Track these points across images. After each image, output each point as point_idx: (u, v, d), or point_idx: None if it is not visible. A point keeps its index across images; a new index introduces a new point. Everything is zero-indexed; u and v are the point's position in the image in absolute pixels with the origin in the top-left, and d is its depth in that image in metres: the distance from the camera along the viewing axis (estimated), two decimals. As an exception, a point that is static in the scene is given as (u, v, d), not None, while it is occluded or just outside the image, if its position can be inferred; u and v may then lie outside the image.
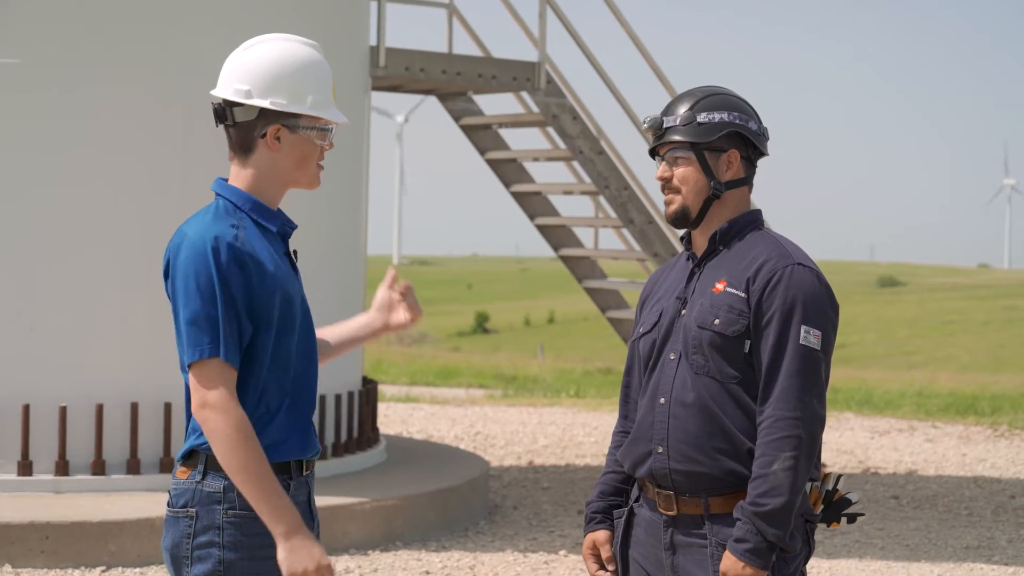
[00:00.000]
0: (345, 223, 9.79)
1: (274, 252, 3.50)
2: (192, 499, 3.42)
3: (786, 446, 3.52)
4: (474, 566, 8.06)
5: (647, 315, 3.81)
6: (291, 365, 3.49)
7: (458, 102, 11.81)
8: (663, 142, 3.75)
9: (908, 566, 8.34)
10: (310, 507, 3.56)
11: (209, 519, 3.40)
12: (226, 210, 3.48)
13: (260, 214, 3.51)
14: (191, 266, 3.37)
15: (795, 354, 3.56)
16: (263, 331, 3.43)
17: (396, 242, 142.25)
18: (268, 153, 3.50)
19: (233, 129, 3.50)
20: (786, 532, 3.51)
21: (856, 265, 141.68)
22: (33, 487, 8.31)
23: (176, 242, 3.43)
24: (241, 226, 3.45)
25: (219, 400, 3.34)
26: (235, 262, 3.38)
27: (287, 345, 3.48)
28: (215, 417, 3.33)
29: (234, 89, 3.48)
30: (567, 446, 13.25)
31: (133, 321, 8.60)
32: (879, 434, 14.44)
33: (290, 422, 3.48)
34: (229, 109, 3.49)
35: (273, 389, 3.46)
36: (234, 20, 8.86)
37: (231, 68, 3.51)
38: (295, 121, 3.49)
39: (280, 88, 3.47)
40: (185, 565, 3.42)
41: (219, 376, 3.35)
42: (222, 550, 3.38)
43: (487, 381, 22.25)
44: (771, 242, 3.70)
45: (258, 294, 3.41)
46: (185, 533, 3.42)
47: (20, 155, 8.52)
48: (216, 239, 3.38)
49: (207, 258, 3.36)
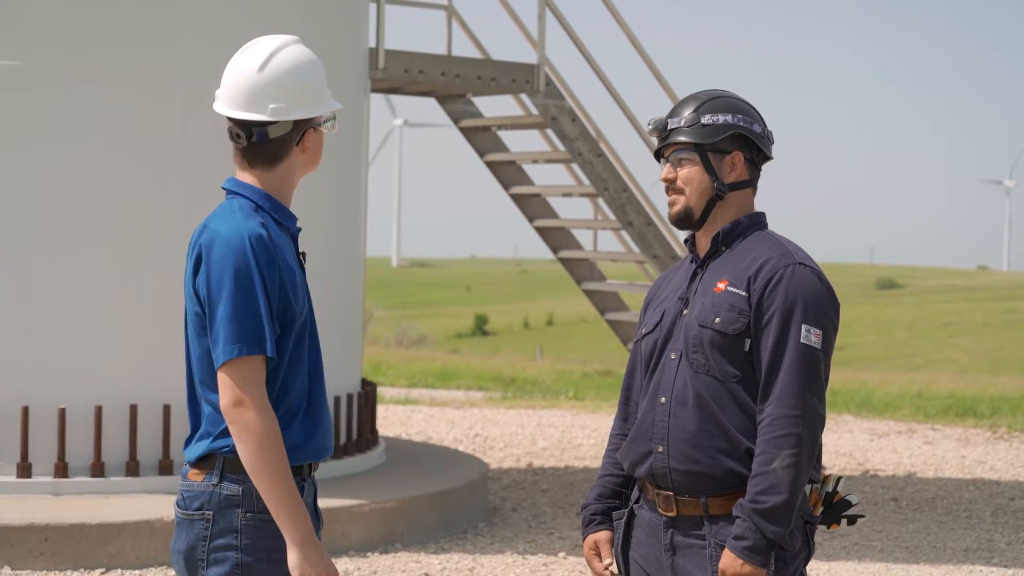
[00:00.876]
0: (344, 224, 9.79)
1: (291, 253, 3.52)
2: (208, 502, 3.42)
3: (786, 444, 3.52)
4: (473, 568, 8.06)
5: (650, 316, 3.83)
6: (306, 367, 3.50)
7: (457, 104, 11.81)
8: (668, 143, 3.77)
9: (907, 568, 8.33)
10: (315, 507, 3.58)
11: (227, 522, 3.40)
12: (250, 208, 3.48)
13: (279, 213, 3.52)
14: (230, 262, 3.36)
15: (796, 353, 3.57)
16: (287, 331, 3.44)
17: (395, 244, 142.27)
18: (298, 156, 3.54)
19: (265, 144, 3.50)
20: (786, 530, 3.52)
21: (855, 267, 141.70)
22: (32, 489, 8.31)
23: (208, 238, 3.41)
24: (267, 224, 3.46)
25: (256, 399, 3.33)
26: (270, 260, 3.39)
27: (303, 347, 3.49)
28: (250, 416, 3.32)
29: (272, 109, 3.46)
30: (566, 448, 13.24)
31: (132, 323, 8.60)
32: (878, 436, 14.44)
33: (308, 425, 3.48)
34: (259, 128, 3.48)
35: (293, 391, 3.46)
36: (234, 21, 8.86)
37: (254, 87, 3.48)
38: (318, 120, 3.54)
39: (312, 96, 3.52)
40: (201, 568, 3.42)
41: (256, 374, 3.35)
42: (240, 553, 3.39)
43: (486, 383, 22.26)
44: (773, 242, 3.72)
45: (286, 294, 3.42)
46: (201, 536, 3.42)
47: (20, 155, 8.52)
48: (252, 236, 3.38)
49: (246, 254, 3.36)
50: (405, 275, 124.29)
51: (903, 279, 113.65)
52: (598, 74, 11.45)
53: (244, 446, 3.33)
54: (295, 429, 3.45)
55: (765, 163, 3.82)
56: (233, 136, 3.51)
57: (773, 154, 3.82)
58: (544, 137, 12.09)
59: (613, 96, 11.45)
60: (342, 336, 9.54)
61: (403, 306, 78.77)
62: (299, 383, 3.47)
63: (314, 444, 3.48)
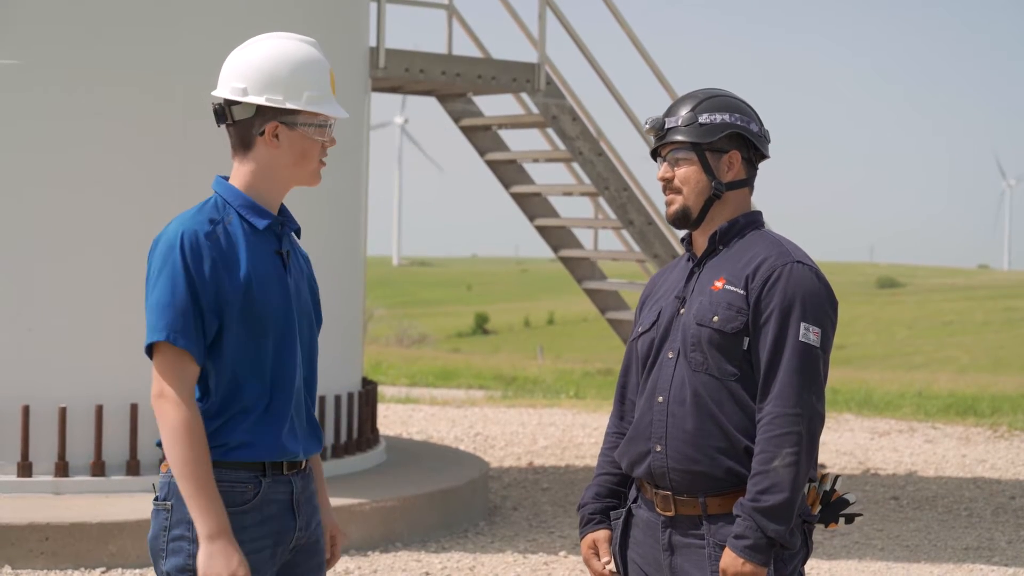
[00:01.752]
0: (345, 223, 9.79)
1: (260, 251, 3.50)
2: (169, 492, 3.45)
3: (787, 442, 3.52)
4: (474, 567, 8.06)
5: (646, 315, 3.83)
6: (268, 367, 3.49)
7: (458, 103, 11.81)
8: (665, 143, 3.77)
9: (908, 567, 8.33)
10: (292, 506, 3.54)
11: (182, 513, 3.41)
12: (214, 205, 3.51)
13: (251, 211, 3.51)
14: (161, 256, 3.42)
15: (794, 351, 3.57)
16: (232, 328, 3.44)
17: (396, 243, 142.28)
18: (267, 151, 3.51)
19: (233, 127, 3.52)
20: (787, 528, 3.52)
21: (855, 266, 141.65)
22: (33, 488, 8.31)
23: (159, 235, 3.48)
24: (225, 221, 3.47)
25: (173, 393, 3.37)
26: (203, 256, 3.41)
27: (263, 346, 3.48)
28: (166, 407, 3.37)
29: (231, 87, 3.50)
30: (567, 447, 13.25)
31: (132, 322, 8.56)
32: (879, 435, 14.44)
33: (266, 424, 3.48)
34: (228, 108, 3.51)
35: (249, 389, 3.46)
36: (234, 21, 8.86)
37: (229, 67, 3.53)
38: (293, 118, 3.49)
39: (276, 85, 3.48)
40: (161, 557, 3.45)
41: (176, 368, 3.38)
42: (192, 544, 3.39)
43: (487, 382, 22.25)
44: (771, 241, 3.72)
45: (226, 290, 3.42)
46: (162, 526, 3.45)
47: (19, 155, 8.51)
48: (188, 232, 3.42)
49: (175, 250, 3.40)
50: (406, 274, 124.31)
51: (903, 278, 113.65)
52: (599, 73, 11.45)
53: (163, 436, 3.39)
54: (246, 428, 3.45)
55: (762, 162, 3.82)
56: (214, 115, 3.55)
57: (770, 153, 3.82)
58: (545, 136, 12.09)
59: (614, 95, 11.45)
60: (343, 335, 9.54)
61: (404, 305, 78.76)
62: (257, 382, 3.46)
63: (268, 444, 3.47)
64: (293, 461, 3.53)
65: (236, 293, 3.43)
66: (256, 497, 3.46)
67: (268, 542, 3.49)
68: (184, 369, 3.39)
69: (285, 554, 3.55)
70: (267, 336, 3.48)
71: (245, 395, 3.46)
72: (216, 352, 3.44)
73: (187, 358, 3.39)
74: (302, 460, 3.57)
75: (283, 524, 3.52)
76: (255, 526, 3.46)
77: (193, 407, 3.38)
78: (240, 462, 3.45)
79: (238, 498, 3.44)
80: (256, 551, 3.45)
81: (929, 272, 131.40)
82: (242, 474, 3.45)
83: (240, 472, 3.45)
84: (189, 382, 3.39)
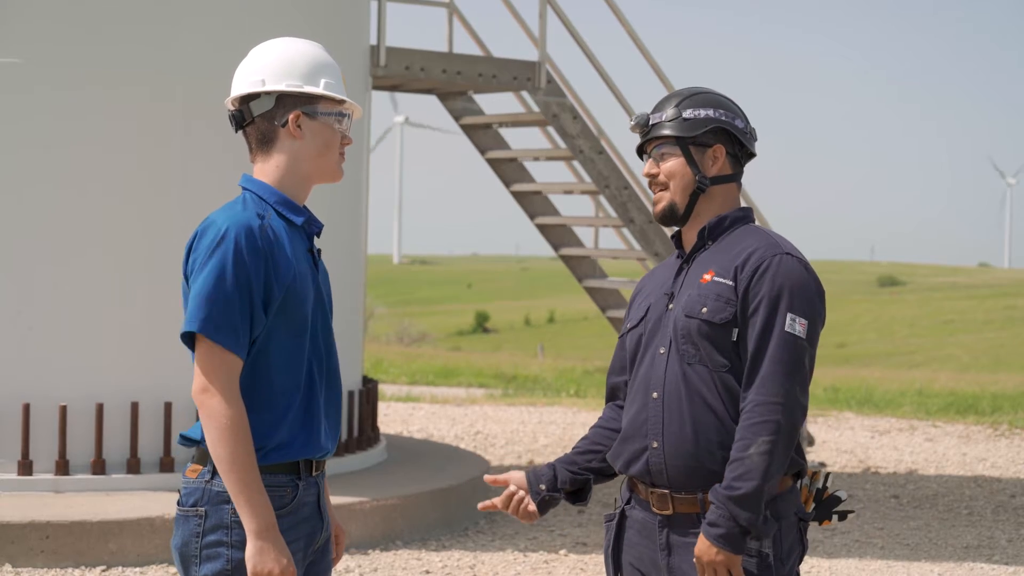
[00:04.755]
0: (345, 222, 9.79)
1: (298, 248, 3.51)
2: (201, 498, 3.43)
3: (764, 431, 3.52)
4: (474, 565, 8.06)
5: (634, 311, 3.84)
6: (303, 365, 3.48)
7: (458, 101, 11.81)
8: (649, 138, 3.78)
9: (908, 566, 8.34)
10: (319, 507, 3.57)
11: (218, 518, 3.40)
12: (253, 201, 3.50)
13: (286, 207, 3.52)
14: (209, 247, 3.38)
15: (780, 341, 3.57)
16: (277, 326, 3.44)
17: (396, 241, 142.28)
18: (291, 143, 3.52)
19: (253, 125, 3.52)
20: (758, 516, 3.50)
21: (856, 264, 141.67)
22: (33, 487, 8.31)
23: (203, 226, 3.44)
24: (267, 216, 3.47)
25: (220, 387, 3.34)
26: (257, 252, 3.39)
27: (300, 344, 3.48)
28: (213, 404, 3.34)
29: (249, 82, 3.50)
30: (567, 445, 13.25)
31: (133, 321, 8.60)
32: (879, 433, 14.45)
33: (301, 422, 3.48)
34: (246, 106, 3.51)
35: (285, 388, 3.46)
36: (234, 21, 8.86)
37: (243, 69, 3.55)
38: (313, 107, 3.51)
39: (294, 72, 3.51)
40: (194, 564, 3.43)
41: (223, 363, 3.35)
42: (230, 549, 3.39)
43: (487, 380, 22.25)
44: (760, 234, 3.73)
45: (274, 287, 3.41)
46: (194, 532, 3.42)
47: (20, 155, 8.52)
48: (241, 226, 3.39)
49: (230, 244, 3.37)
50: (406, 272, 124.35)
51: (904, 276, 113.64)
52: (599, 71, 11.45)
53: (207, 433, 3.35)
54: (286, 427, 3.45)
55: (749, 160, 3.83)
56: (231, 122, 3.54)
57: (756, 150, 3.83)
58: (545, 134, 12.10)
59: (614, 93, 11.45)
60: (343, 334, 9.49)
61: (404, 303, 78.82)
62: (292, 380, 3.46)
63: (302, 442, 3.47)
64: (320, 460, 3.54)
65: (282, 290, 3.43)
66: (293, 500, 3.47)
67: (300, 544, 3.49)
68: (229, 364, 3.36)
69: (311, 555, 3.56)
70: (304, 334, 3.48)
71: (283, 395, 3.45)
72: (262, 351, 3.43)
73: (231, 353, 3.36)
74: (326, 459, 3.58)
75: (313, 525, 3.54)
76: (290, 529, 3.46)
77: (239, 403, 3.34)
78: (278, 464, 3.44)
79: (276, 502, 3.42)
80: (292, 553, 3.44)
81: (930, 271, 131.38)
82: (280, 477, 3.44)
83: (279, 476, 3.44)
84: (234, 377, 3.36)
